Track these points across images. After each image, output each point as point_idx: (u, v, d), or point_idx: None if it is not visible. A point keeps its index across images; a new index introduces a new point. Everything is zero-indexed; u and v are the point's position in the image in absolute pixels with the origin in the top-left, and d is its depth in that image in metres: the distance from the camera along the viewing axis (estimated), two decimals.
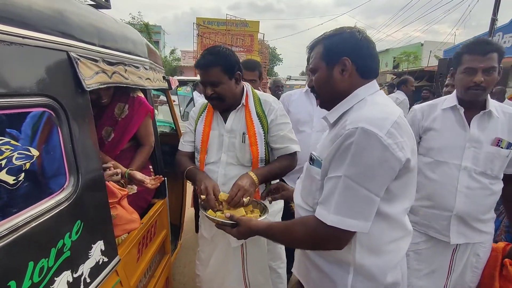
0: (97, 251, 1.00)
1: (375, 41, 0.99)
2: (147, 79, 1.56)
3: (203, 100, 1.68)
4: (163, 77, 1.94)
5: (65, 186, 0.88)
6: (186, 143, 1.63)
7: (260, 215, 1.31)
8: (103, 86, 1.09)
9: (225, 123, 1.51)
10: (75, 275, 0.89)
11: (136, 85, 1.41)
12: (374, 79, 0.97)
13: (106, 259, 1.05)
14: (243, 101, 1.51)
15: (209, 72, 1.39)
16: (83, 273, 0.93)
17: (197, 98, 4.71)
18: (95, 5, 1.25)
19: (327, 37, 0.97)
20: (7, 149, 0.70)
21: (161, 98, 6.14)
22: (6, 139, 0.70)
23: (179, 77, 7.48)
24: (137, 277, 1.38)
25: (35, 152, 0.78)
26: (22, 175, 0.73)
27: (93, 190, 1.00)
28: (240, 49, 19.90)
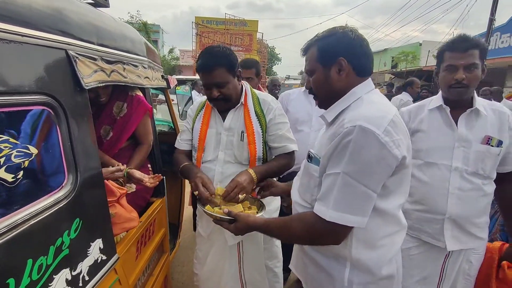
0: (95, 249, 1.00)
1: (373, 41, 1.01)
2: (145, 77, 1.56)
3: (201, 99, 1.68)
4: (162, 76, 1.94)
5: (63, 184, 0.88)
6: (183, 141, 1.63)
7: (257, 212, 1.31)
8: (101, 84, 1.09)
9: (223, 122, 1.52)
10: (74, 273, 0.90)
11: (134, 83, 1.41)
12: (369, 76, 0.99)
13: (104, 257, 1.05)
14: (242, 100, 1.51)
15: (214, 73, 1.37)
16: (81, 271, 0.93)
17: (195, 97, 4.72)
18: (94, 4, 1.25)
19: (321, 39, 0.98)
20: (6, 147, 0.70)
21: (159, 97, 6.14)
22: (5, 137, 0.70)
23: (177, 76, 7.47)
24: (136, 276, 1.38)
25: (34, 150, 0.78)
26: (20, 173, 0.74)
27: (91, 188, 1.00)
28: (239, 49, 19.84)
